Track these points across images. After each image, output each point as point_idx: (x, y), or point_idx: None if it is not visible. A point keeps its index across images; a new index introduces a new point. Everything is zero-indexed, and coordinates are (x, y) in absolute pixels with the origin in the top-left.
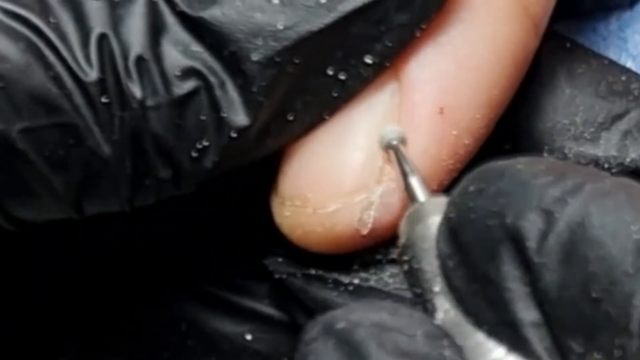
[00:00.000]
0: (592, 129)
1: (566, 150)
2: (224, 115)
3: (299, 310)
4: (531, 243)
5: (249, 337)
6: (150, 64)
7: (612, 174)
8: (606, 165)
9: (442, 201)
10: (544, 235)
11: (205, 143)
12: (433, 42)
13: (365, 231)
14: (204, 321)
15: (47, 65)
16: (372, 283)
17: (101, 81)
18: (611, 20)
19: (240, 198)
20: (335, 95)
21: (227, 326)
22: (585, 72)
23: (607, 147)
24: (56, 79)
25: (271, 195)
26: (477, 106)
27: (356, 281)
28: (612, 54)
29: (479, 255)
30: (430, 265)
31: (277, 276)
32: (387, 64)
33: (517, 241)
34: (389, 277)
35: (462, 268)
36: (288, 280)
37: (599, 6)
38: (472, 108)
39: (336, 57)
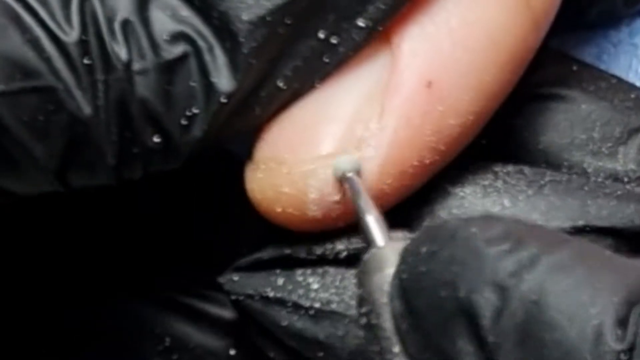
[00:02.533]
0: (609, 144)
1: (585, 165)
2: (214, 80)
3: (259, 331)
4: (485, 321)
5: (232, 352)
6: (137, 27)
7: (632, 187)
8: (626, 179)
9: (402, 246)
10: (498, 313)
11: (195, 110)
12: (429, 19)
13: (337, 197)
14: (187, 336)
15: (23, 29)
16: (333, 307)
17: (83, 42)
18: (621, 27)
19: (224, 212)
20: (327, 60)
21: (211, 341)
22: (596, 91)
23: (625, 161)
24: (33, 42)
25: (245, 165)
26: (467, 88)
27: (317, 305)
28: (622, 60)
29: (433, 326)
30: (390, 322)
31: (233, 297)
32: (380, 28)
33: (471, 317)
34: (351, 299)
35: (416, 334)
36: (245, 302)
37: (604, 18)
38: (461, 88)
39: (328, 20)
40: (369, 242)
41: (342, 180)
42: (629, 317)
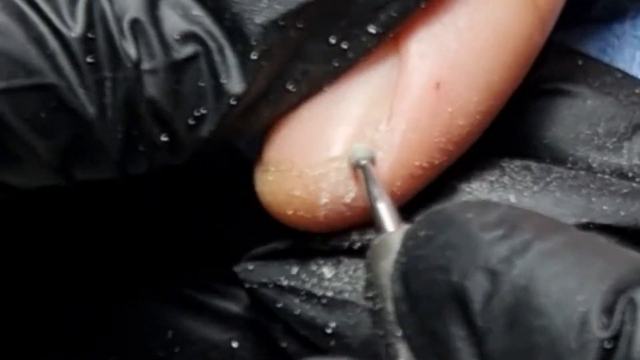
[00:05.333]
0: (614, 139)
1: (590, 160)
2: (223, 82)
3: (272, 321)
4: (476, 305)
5: (235, 344)
6: (147, 26)
7: (637, 182)
8: (630, 175)
9: None
10: (489, 298)
11: (203, 111)
12: (437, 21)
13: (348, 199)
14: (190, 329)
15: (28, 26)
16: (346, 296)
17: (87, 39)
18: (625, 20)
19: (225, 205)
20: (336, 65)
21: (214, 334)
22: (601, 86)
23: (630, 156)
24: (37, 39)
25: (255, 166)
26: (475, 88)
27: (330, 294)
28: (626, 53)
29: (428, 309)
30: (392, 306)
31: (247, 286)
32: (390, 35)
33: (462, 301)
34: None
35: (414, 317)
36: (259, 290)
37: (609, 12)
38: (470, 89)
39: (340, 25)
40: (378, 229)
41: (356, 168)
42: (615, 305)
